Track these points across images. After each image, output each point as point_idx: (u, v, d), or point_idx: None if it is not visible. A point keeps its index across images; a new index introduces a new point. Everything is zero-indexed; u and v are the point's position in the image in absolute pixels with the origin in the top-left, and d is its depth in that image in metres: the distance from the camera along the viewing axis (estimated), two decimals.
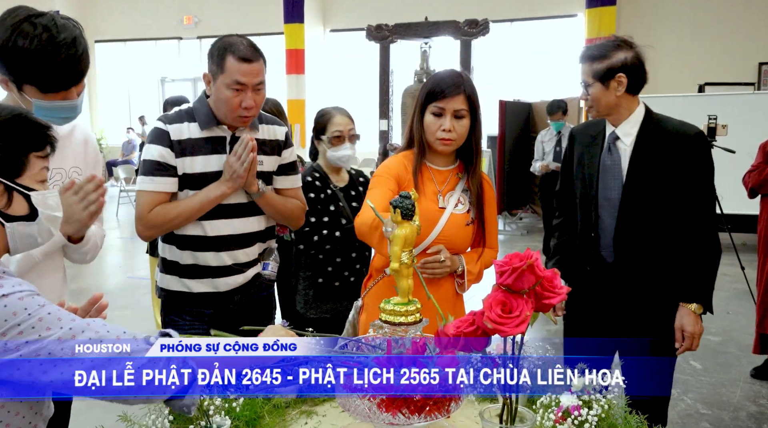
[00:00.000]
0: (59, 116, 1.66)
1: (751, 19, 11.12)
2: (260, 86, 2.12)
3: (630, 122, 2.30)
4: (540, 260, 1.10)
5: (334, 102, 11.19)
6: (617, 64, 2.22)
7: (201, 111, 2.16)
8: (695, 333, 2.26)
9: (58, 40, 1.55)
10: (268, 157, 2.27)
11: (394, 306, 1.40)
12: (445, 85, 2.04)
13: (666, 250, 2.26)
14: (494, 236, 2.23)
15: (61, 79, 1.60)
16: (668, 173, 2.23)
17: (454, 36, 10.79)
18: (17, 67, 1.55)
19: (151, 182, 2.12)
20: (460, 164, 2.19)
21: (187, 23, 15.25)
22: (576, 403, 1.32)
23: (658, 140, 2.26)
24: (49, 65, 1.55)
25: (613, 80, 2.23)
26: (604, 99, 2.27)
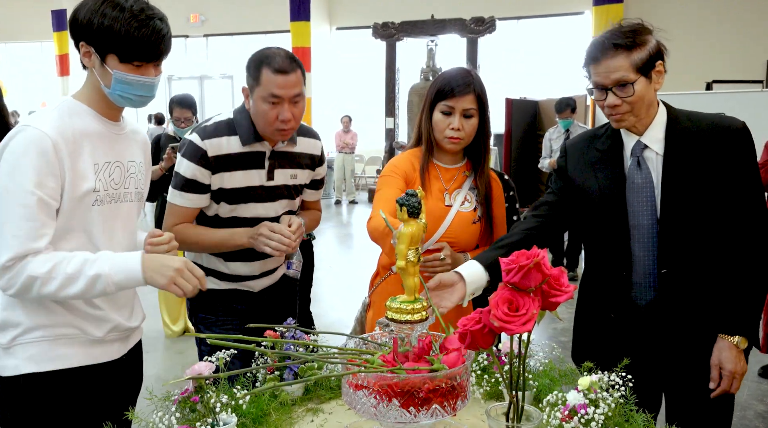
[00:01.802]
0: (135, 93, 1.66)
1: (759, 17, 11.07)
2: (298, 98, 2.05)
3: (656, 124, 1.88)
4: (547, 258, 1.09)
5: (340, 100, 11.49)
6: (654, 49, 1.79)
7: (243, 125, 2.09)
8: (737, 372, 1.83)
9: (148, 13, 1.61)
10: (303, 171, 2.26)
11: (401, 304, 1.40)
12: (455, 84, 2.04)
13: (715, 279, 1.85)
14: (501, 234, 2.22)
15: (144, 49, 1.61)
16: (712, 182, 1.80)
17: (461, 34, 10.77)
18: (104, 36, 1.58)
19: (180, 196, 2.10)
20: (468, 162, 2.18)
21: (193, 21, 15.30)
22: (583, 401, 1.31)
23: (693, 142, 1.83)
24: (135, 34, 1.58)
25: (654, 71, 1.80)
26: (648, 96, 1.82)
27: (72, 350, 1.67)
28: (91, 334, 1.69)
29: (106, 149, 1.69)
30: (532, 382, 1.54)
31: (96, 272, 1.55)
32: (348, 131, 13.13)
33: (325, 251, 8.23)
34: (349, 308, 2.32)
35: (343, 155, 13.05)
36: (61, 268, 1.54)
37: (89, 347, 1.70)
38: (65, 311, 1.66)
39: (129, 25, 1.57)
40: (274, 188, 2.17)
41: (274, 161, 2.15)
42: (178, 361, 4.57)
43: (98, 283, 1.55)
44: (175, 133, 4.57)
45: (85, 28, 1.60)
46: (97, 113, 1.69)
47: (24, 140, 1.53)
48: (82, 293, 1.56)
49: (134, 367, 1.90)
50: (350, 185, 13.23)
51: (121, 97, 1.66)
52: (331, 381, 1.64)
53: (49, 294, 1.55)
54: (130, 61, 1.61)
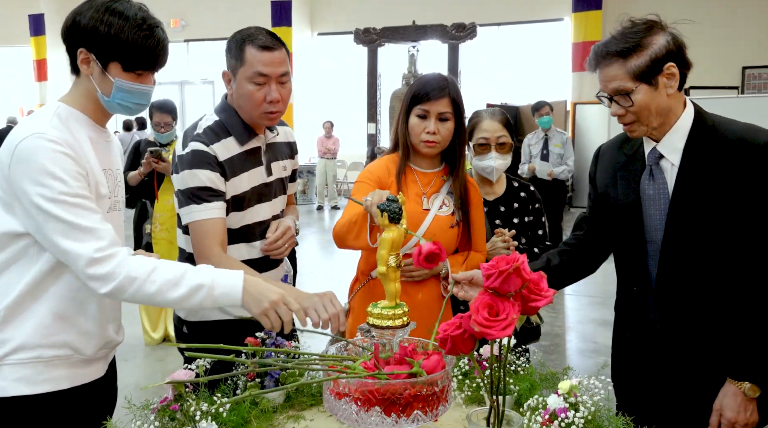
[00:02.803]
0: (134, 101, 1.65)
1: (735, 25, 11.27)
2: (285, 78, 1.93)
3: (676, 131, 1.70)
4: (526, 262, 1.10)
5: (322, 105, 11.45)
6: (661, 51, 1.62)
7: (234, 123, 1.97)
8: (738, 423, 1.63)
9: (151, 22, 1.60)
10: (289, 161, 2.19)
11: (382, 310, 1.40)
12: (430, 88, 2.05)
13: (724, 316, 1.67)
14: (481, 239, 2.23)
15: (148, 59, 1.60)
16: (727, 204, 1.62)
17: (442, 40, 10.83)
18: (109, 44, 1.55)
19: (207, 209, 1.88)
20: (446, 166, 2.19)
21: (174, 26, 15.20)
22: (563, 406, 1.32)
23: (712, 155, 1.65)
24: (142, 43, 1.57)
25: (661, 75, 1.63)
26: (655, 104, 1.65)
27: (63, 371, 1.61)
28: (83, 353, 1.64)
29: (101, 155, 1.67)
30: (513, 386, 1.54)
31: (199, 282, 1.53)
32: (330, 137, 13.12)
33: (308, 256, 8.20)
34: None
35: (325, 161, 13.03)
36: (162, 272, 1.52)
37: (79, 367, 1.65)
38: (64, 328, 1.60)
39: (136, 34, 1.56)
40: (273, 184, 2.08)
41: (269, 155, 2.08)
42: (158, 369, 4.52)
43: (199, 293, 1.53)
44: (155, 138, 4.54)
45: (89, 35, 1.57)
46: (90, 120, 1.66)
47: (40, 146, 1.47)
48: (180, 300, 1.53)
49: (111, 381, 1.84)
50: (332, 191, 13.21)
51: (119, 105, 1.64)
52: (313, 388, 1.63)
53: (145, 296, 1.51)
54: (134, 70, 1.60)
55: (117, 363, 1.87)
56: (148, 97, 1.69)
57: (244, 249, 2.01)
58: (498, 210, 2.57)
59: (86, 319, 1.64)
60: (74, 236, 1.46)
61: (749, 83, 11.39)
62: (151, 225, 4.54)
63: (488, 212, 2.51)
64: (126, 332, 1.90)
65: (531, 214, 2.59)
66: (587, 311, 5.84)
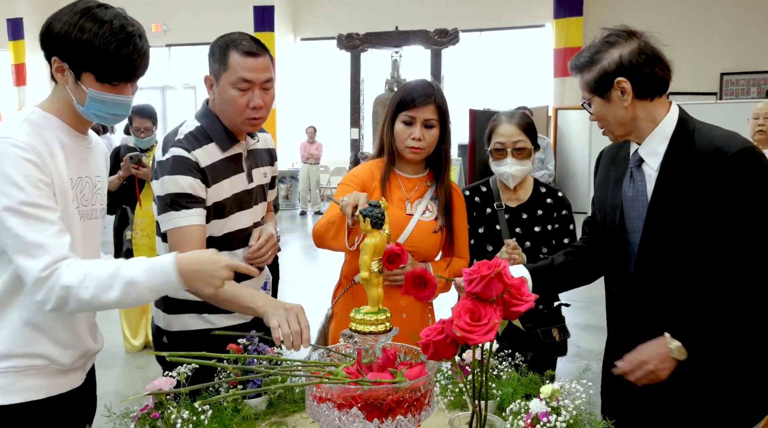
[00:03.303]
0: (110, 112, 1.58)
1: (713, 31, 11.43)
2: (269, 85, 1.92)
3: (656, 136, 1.73)
4: (508, 267, 1.10)
5: (305, 111, 11.39)
6: (611, 66, 1.68)
7: (215, 129, 1.95)
8: (645, 363, 1.69)
9: (129, 30, 1.51)
10: (268, 167, 2.17)
11: (364, 315, 1.40)
12: (417, 95, 2.06)
13: None
14: (464, 245, 2.24)
15: (123, 69, 1.52)
16: (701, 210, 1.63)
17: (425, 45, 10.86)
18: (81, 52, 1.48)
19: (186, 215, 1.85)
20: (430, 172, 2.20)
21: (155, 31, 15.11)
22: (545, 410, 1.33)
23: (689, 162, 1.66)
24: (117, 52, 1.49)
25: (613, 89, 1.70)
26: (612, 115, 1.73)
27: (39, 381, 1.57)
28: (60, 363, 1.60)
29: (77, 163, 1.61)
30: (495, 391, 1.55)
31: (130, 277, 1.45)
32: (313, 142, 13.10)
33: (291, 262, 8.17)
34: (315, 320, 2.30)
35: (308, 166, 13.00)
36: (93, 275, 1.44)
37: (56, 377, 1.61)
38: (37, 338, 1.55)
39: (109, 42, 1.47)
40: (253, 191, 2.06)
41: (250, 162, 2.06)
42: (138, 376, 4.47)
43: (135, 289, 1.46)
44: (135, 143, 4.50)
45: (61, 43, 1.49)
46: (67, 126, 1.60)
47: (3, 151, 1.43)
48: (119, 300, 1.46)
49: (89, 390, 1.80)
50: (315, 196, 13.18)
51: (95, 115, 1.58)
52: (295, 394, 1.63)
53: (86, 303, 1.45)
54: (108, 81, 1.53)
55: (97, 370, 1.85)
56: (125, 108, 1.61)
57: (226, 257, 1.99)
58: (519, 217, 2.44)
59: (61, 328, 1.60)
60: (25, 251, 1.42)
61: (727, 89, 11.55)
62: (131, 231, 4.50)
63: (509, 219, 2.42)
64: (106, 339, 1.87)
65: (557, 221, 2.44)
66: (570, 316, 5.84)
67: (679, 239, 1.68)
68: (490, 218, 2.44)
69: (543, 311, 2.45)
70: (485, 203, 2.47)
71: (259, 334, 1.66)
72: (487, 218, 2.44)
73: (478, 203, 2.47)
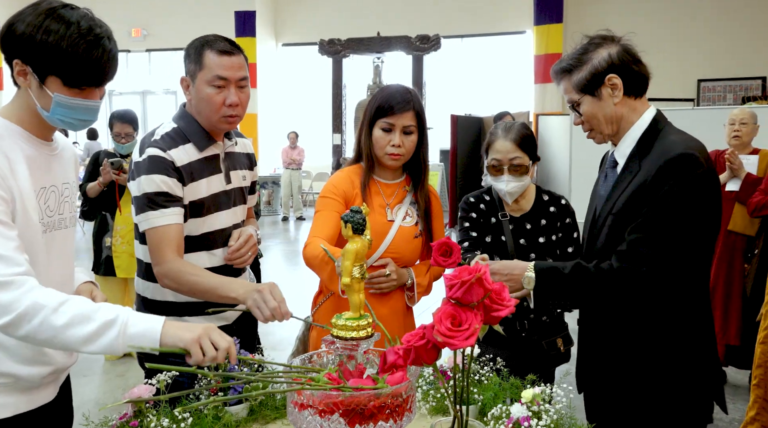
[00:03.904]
0: (77, 118, 1.50)
1: (691, 39, 11.61)
2: (244, 83, 1.96)
3: (627, 138, 1.80)
4: (488, 273, 1.11)
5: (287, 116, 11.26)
6: (602, 64, 1.75)
7: (192, 130, 1.97)
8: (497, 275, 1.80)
9: (97, 32, 1.44)
10: (247, 171, 2.18)
11: (346, 321, 1.40)
12: (395, 102, 2.06)
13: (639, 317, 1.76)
14: None
15: (93, 73, 1.45)
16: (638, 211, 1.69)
17: (406, 51, 10.91)
18: (47, 55, 1.40)
19: (162, 215, 1.86)
20: (407, 177, 2.21)
21: (135, 36, 15.00)
22: (526, 414, 1.34)
23: (641, 164, 1.74)
24: (86, 55, 1.41)
25: (604, 86, 1.76)
26: (602, 113, 1.78)
27: (5, 399, 1.49)
28: (28, 381, 1.52)
29: (40, 173, 1.52)
30: (477, 396, 1.55)
31: (113, 316, 1.35)
32: (295, 147, 13.07)
33: (273, 268, 8.14)
34: (296, 326, 2.29)
35: (290, 171, 12.96)
36: (74, 304, 1.35)
37: (23, 394, 1.53)
38: (3, 357, 1.47)
39: (77, 45, 1.40)
40: (232, 192, 2.08)
41: (228, 163, 2.07)
42: (118, 384, 4.42)
43: (112, 329, 1.34)
44: (115, 149, 4.46)
45: (24, 45, 1.40)
46: (29, 134, 1.51)
47: None
48: (88, 338, 1.33)
49: (64, 403, 1.72)
50: (297, 202, 13.15)
51: (61, 121, 1.49)
52: (277, 401, 1.62)
53: (50, 328, 1.32)
54: (76, 86, 1.45)
55: (75, 379, 1.82)
56: (93, 113, 1.53)
57: (205, 257, 2.00)
58: (524, 228, 2.36)
59: (25, 346, 1.50)
60: None
61: (704, 96, 11.73)
62: (111, 238, 4.45)
63: (513, 230, 2.35)
64: None
65: (561, 230, 2.38)
66: None
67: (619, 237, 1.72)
68: (496, 228, 2.37)
69: (546, 321, 2.39)
70: (490, 212, 2.39)
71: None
72: (493, 227, 2.37)
73: (484, 210, 2.39)
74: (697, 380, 1.76)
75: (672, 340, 1.74)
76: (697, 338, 1.76)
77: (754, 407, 2.62)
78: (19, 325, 1.32)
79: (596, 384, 1.92)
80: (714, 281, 4.26)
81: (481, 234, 2.36)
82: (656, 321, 1.74)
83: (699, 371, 1.76)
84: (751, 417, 2.62)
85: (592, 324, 1.92)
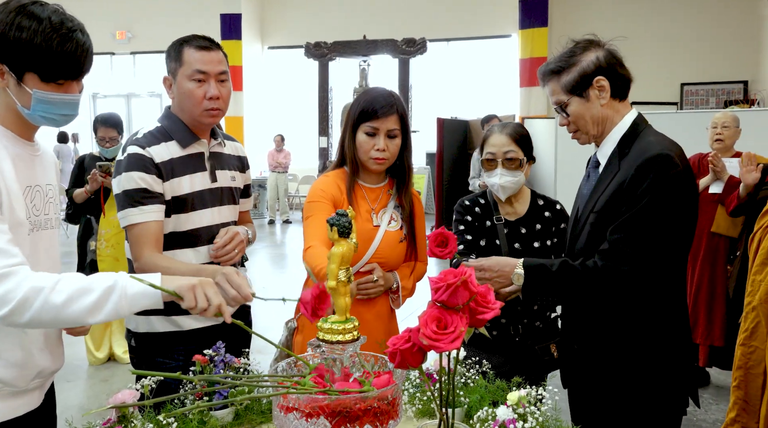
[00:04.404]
0: (59, 113, 1.51)
1: (674, 44, 11.72)
2: (224, 77, 2.01)
3: (609, 140, 1.85)
4: (474, 276, 1.11)
5: (273, 119, 11.23)
6: (591, 67, 1.80)
7: (176, 128, 2.02)
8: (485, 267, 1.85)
9: (69, 25, 1.46)
10: (238, 173, 2.21)
11: (332, 325, 1.39)
12: (379, 106, 2.05)
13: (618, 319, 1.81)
14: (424, 249, 2.25)
15: (69, 66, 1.46)
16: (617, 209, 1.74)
17: (393, 54, 10.93)
18: (21, 52, 1.41)
19: (141, 213, 1.90)
20: (390, 180, 2.21)
21: (120, 38, 14.90)
22: (512, 416, 1.34)
23: (619, 164, 1.79)
24: (59, 49, 1.42)
25: (591, 88, 1.81)
26: (589, 114, 1.83)
27: None
28: (13, 385, 1.51)
29: (25, 172, 1.54)
30: (463, 399, 1.56)
31: (111, 283, 1.39)
32: (281, 150, 13.03)
33: (259, 271, 8.11)
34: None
35: (276, 175, 12.93)
36: (69, 281, 1.37)
37: (10, 399, 1.52)
38: None
39: (51, 40, 1.41)
40: (218, 191, 2.09)
41: (213, 162, 2.10)
42: (102, 390, 4.38)
43: (113, 295, 1.38)
44: (100, 153, 4.43)
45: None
46: (12, 134, 1.53)
47: None
48: (92, 308, 1.37)
49: (48, 410, 1.71)
50: (284, 205, 13.11)
51: (42, 118, 1.51)
52: (262, 405, 1.61)
53: (53, 308, 1.34)
54: (54, 80, 1.46)
55: (59, 384, 1.80)
56: (74, 107, 1.55)
57: (190, 254, 2.01)
58: (518, 232, 2.32)
59: (12, 348, 1.50)
60: None
61: (687, 99, 11.83)
62: (96, 242, 4.42)
63: (508, 234, 2.31)
64: (69, 352, 1.83)
65: (555, 235, 2.34)
66: None
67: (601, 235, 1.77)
68: (490, 231, 2.33)
69: (540, 326, 2.34)
70: (485, 216, 2.36)
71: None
72: (487, 231, 2.34)
73: (479, 213, 2.36)
74: (672, 375, 1.80)
75: (647, 335, 1.79)
76: (672, 333, 1.81)
77: (734, 408, 2.65)
78: (22, 312, 1.34)
79: (579, 379, 1.95)
80: (698, 283, 4.30)
81: (475, 237, 2.34)
82: (634, 317, 1.78)
83: (673, 366, 1.80)
84: (732, 419, 2.65)
85: (574, 320, 1.95)
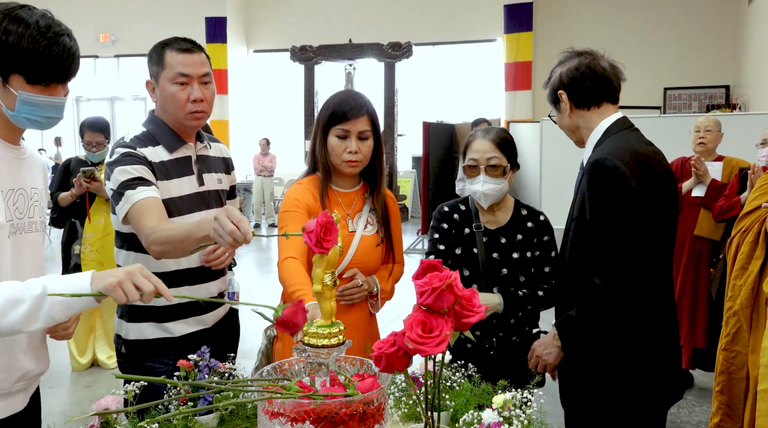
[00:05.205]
0: (44, 115, 1.52)
1: (658, 48, 11.84)
2: (207, 79, 1.99)
3: (588, 145, 1.99)
4: (459, 279, 1.12)
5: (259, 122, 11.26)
6: (555, 82, 2.00)
7: (161, 132, 2.00)
8: (537, 354, 2.01)
9: (56, 30, 1.47)
10: (224, 175, 2.20)
11: (317, 329, 1.39)
12: (348, 107, 2.02)
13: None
14: (401, 250, 2.25)
15: (55, 69, 1.47)
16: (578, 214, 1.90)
17: (378, 58, 10.93)
18: (8, 54, 1.43)
19: (140, 191, 1.86)
20: (364, 184, 2.19)
21: (103, 41, 14.79)
22: (497, 420, 1.34)
23: (584, 172, 1.90)
24: (45, 52, 1.44)
25: (560, 101, 1.99)
26: (564, 123, 2.03)
27: None
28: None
29: (9, 175, 1.54)
30: (449, 402, 1.56)
31: (40, 291, 1.32)
32: (266, 154, 12.99)
33: (245, 275, 8.07)
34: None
35: (261, 178, 12.88)
36: (3, 289, 1.32)
37: None
38: None
39: (37, 43, 1.43)
40: (205, 194, 2.08)
41: (200, 165, 2.08)
42: (85, 395, 4.34)
43: (44, 303, 1.32)
44: (87, 157, 4.39)
45: None
46: None
47: None
48: (26, 318, 1.31)
49: (33, 414, 1.70)
50: (269, 208, 13.07)
51: (27, 120, 1.51)
52: (247, 410, 1.60)
53: None
54: (39, 82, 1.47)
55: (41, 389, 1.78)
56: (59, 110, 1.56)
57: (181, 258, 1.98)
58: (498, 242, 2.25)
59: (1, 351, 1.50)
60: None
61: (670, 104, 11.95)
62: (80, 246, 4.38)
63: (487, 243, 2.23)
64: (52, 357, 1.81)
65: (537, 248, 2.25)
66: None
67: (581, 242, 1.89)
68: (468, 239, 2.26)
69: (516, 341, 2.27)
70: (464, 223, 2.29)
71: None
72: (465, 239, 2.26)
73: (457, 220, 2.29)
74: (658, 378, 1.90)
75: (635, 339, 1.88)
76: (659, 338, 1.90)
77: (717, 413, 2.67)
78: None
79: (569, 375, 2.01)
80: (681, 286, 4.34)
81: (450, 247, 2.28)
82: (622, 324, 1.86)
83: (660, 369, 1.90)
84: (715, 424, 2.67)
85: None
